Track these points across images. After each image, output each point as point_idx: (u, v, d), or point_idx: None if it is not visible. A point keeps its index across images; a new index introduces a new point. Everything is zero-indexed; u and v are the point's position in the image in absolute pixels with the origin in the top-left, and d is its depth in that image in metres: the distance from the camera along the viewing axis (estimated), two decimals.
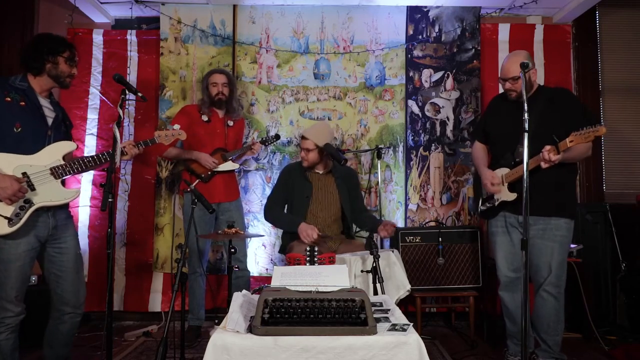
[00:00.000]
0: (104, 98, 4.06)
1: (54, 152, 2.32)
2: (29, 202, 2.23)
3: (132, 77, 4.10)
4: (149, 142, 2.64)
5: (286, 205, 3.24)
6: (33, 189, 2.24)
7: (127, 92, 2.29)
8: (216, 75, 3.51)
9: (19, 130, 2.25)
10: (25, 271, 2.29)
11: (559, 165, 2.51)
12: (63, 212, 2.43)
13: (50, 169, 2.29)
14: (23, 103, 2.28)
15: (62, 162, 2.32)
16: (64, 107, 2.58)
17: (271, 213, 3.20)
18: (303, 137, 3.13)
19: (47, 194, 2.28)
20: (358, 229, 3.45)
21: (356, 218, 3.25)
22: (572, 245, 3.57)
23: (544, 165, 2.49)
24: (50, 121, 2.37)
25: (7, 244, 2.22)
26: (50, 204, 2.30)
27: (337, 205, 3.17)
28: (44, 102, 2.38)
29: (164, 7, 4.04)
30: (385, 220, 3.09)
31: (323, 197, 3.15)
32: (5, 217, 2.18)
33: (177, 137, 2.76)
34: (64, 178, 2.35)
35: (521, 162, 2.58)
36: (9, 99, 2.25)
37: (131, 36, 4.13)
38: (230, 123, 3.58)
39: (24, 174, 2.23)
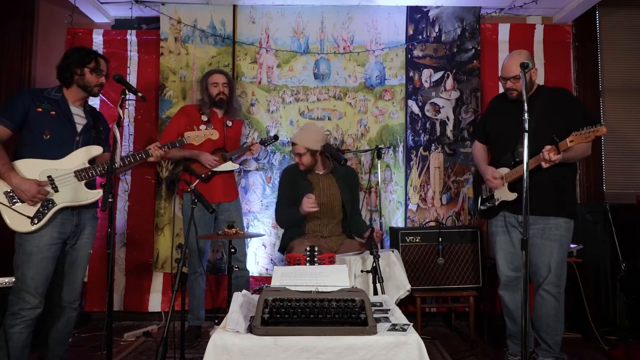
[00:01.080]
0: (104, 98, 4.06)
1: (80, 157, 2.49)
2: (52, 203, 2.40)
3: (132, 77, 4.10)
4: (177, 144, 2.79)
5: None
6: (57, 191, 2.42)
7: (127, 92, 2.32)
8: (216, 75, 3.51)
9: (48, 137, 2.43)
10: (47, 265, 2.39)
11: (558, 165, 2.52)
12: (89, 212, 2.59)
13: (75, 172, 2.46)
14: (54, 112, 2.46)
15: (87, 166, 2.49)
16: (101, 114, 2.76)
17: (281, 217, 3.21)
18: (293, 143, 3.13)
19: (69, 195, 2.45)
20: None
21: (350, 219, 3.24)
22: (572, 245, 3.57)
23: (544, 165, 2.49)
24: (79, 128, 2.53)
25: (30, 236, 2.37)
26: (71, 204, 2.46)
27: (338, 205, 3.17)
28: (76, 110, 2.55)
29: (164, 7, 4.04)
30: (374, 230, 3.01)
31: (324, 198, 3.14)
32: (28, 217, 2.36)
33: (209, 137, 2.82)
34: (88, 180, 2.50)
35: (521, 162, 2.58)
36: (40, 109, 2.44)
37: (131, 36, 4.13)
38: (229, 123, 3.58)
39: (49, 177, 2.40)
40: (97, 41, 4.09)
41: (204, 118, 3.49)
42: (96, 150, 2.55)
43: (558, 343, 2.70)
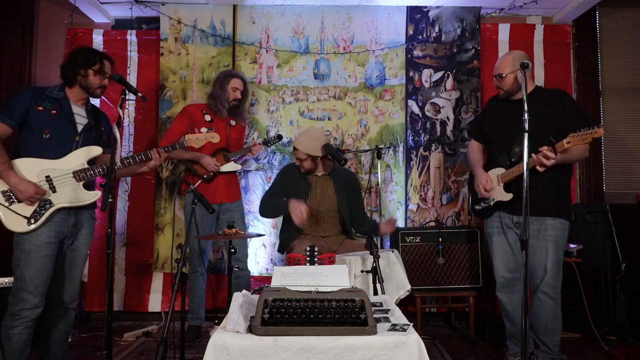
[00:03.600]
0: (104, 98, 4.05)
1: (79, 157, 2.47)
2: (49, 203, 2.39)
3: (132, 77, 4.11)
4: (177, 146, 2.75)
5: None
6: (54, 191, 2.40)
7: (127, 92, 2.30)
8: (238, 80, 3.48)
9: (48, 136, 2.41)
10: (46, 263, 2.38)
11: (554, 166, 2.52)
12: (86, 212, 2.57)
13: (73, 173, 2.44)
14: (54, 112, 2.44)
15: (86, 166, 2.47)
16: (103, 113, 2.73)
17: (265, 207, 3.19)
18: (295, 148, 3.13)
19: (67, 195, 2.43)
20: (358, 234, 3.44)
21: (356, 225, 3.24)
22: (572, 245, 3.58)
23: (539, 168, 2.49)
24: (80, 128, 2.51)
25: (28, 235, 2.36)
26: (69, 205, 2.44)
27: (334, 207, 3.17)
28: (78, 110, 2.53)
29: (164, 7, 4.04)
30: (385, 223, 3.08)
31: (320, 198, 3.15)
32: (25, 217, 2.34)
33: (210, 140, 2.80)
34: (86, 181, 2.48)
35: (517, 162, 2.59)
36: (40, 108, 2.42)
37: (131, 36, 4.13)
38: (233, 123, 3.57)
39: (47, 177, 2.39)
40: (97, 41, 4.09)
41: (207, 118, 3.48)
42: (96, 150, 2.53)
43: (557, 344, 2.70)
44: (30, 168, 2.37)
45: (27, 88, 2.57)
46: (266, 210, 3.21)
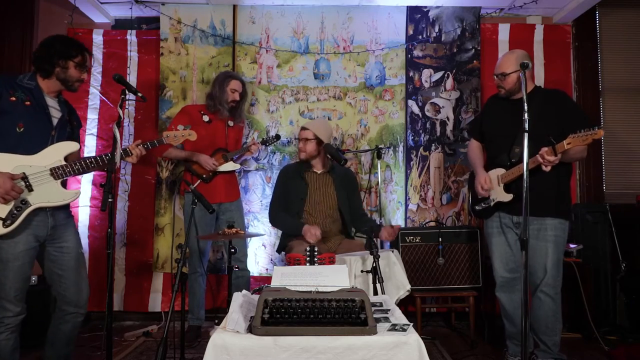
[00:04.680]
0: (104, 98, 4.06)
1: (56, 153, 2.30)
2: (25, 203, 2.22)
3: (132, 77, 4.10)
4: (156, 143, 2.59)
5: None
6: (31, 190, 2.22)
7: (127, 92, 2.27)
8: (237, 82, 3.50)
9: (22, 130, 2.23)
10: (25, 271, 2.27)
11: (554, 166, 2.52)
12: (62, 212, 2.41)
13: (50, 170, 2.26)
14: (28, 102, 2.26)
15: (63, 163, 2.29)
16: (72, 106, 2.55)
17: (278, 219, 3.23)
18: (303, 128, 3.16)
19: (45, 194, 2.26)
20: (357, 233, 3.45)
21: (355, 221, 3.25)
22: (572, 245, 3.58)
23: (545, 168, 2.49)
24: (55, 121, 2.35)
25: (5, 243, 2.21)
26: (47, 204, 2.28)
27: (334, 205, 3.17)
28: (51, 102, 2.36)
29: (164, 7, 4.04)
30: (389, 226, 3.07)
31: (319, 197, 3.15)
32: (0, 218, 2.17)
33: (187, 138, 2.68)
34: (64, 179, 2.33)
35: (517, 162, 2.59)
36: (13, 99, 2.23)
37: (131, 36, 4.13)
38: (231, 123, 3.58)
39: (23, 174, 2.21)
40: (97, 41, 4.09)
41: (205, 119, 3.48)
42: (72, 146, 2.35)
43: (557, 343, 2.70)
44: (3, 164, 2.18)
45: None
46: (278, 225, 3.28)
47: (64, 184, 2.41)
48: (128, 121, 4.08)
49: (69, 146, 2.34)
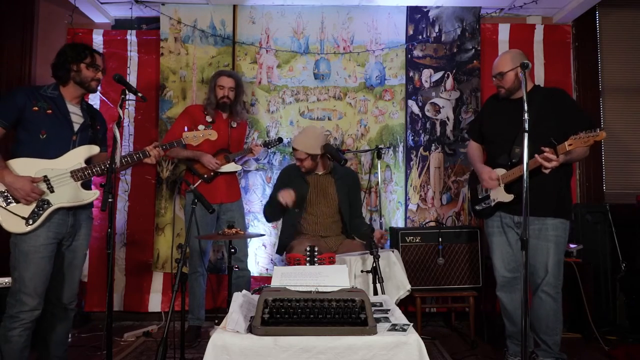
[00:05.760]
0: (104, 98, 4.06)
1: (77, 156, 2.44)
2: (47, 203, 2.36)
3: (132, 77, 4.11)
4: (175, 144, 2.73)
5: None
6: (52, 191, 2.38)
7: (127, 92, 2.30)
8: (224, 78, 3.47)
9: (45, 136, 2.38)
10: (44, 265, 2.36)
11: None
12: (84, 213, 2.55)
13: (71, 172, 2.41)
14: (50, 111, 2.41)
15: (83, 165, 2.44)
16: (97, 110, 2.70)
17: (265, 210, 3.26)
18: (294, 149, 3.13)
19: (65, 195, 2.40)
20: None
21: (352, 224, 3.24)
22: (572, 245, 3.58)
23: (546, 171, 2.49)
24: (76, 127, 2.48)
25: (27, 236, 2.33)
26: (67, 204, 2.41)
27: (335, 206, 3.17)
28: (73, 109, 2.50)
29: (164, 7, 4.04)
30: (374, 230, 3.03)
31: (321, 198, 3.15)
32: (23, 217, 2.32)
33: (207, 138, 2.77)
34: (84, 180, 2.46)
35: (517, 162, 2.59)
36: (36, 108, 2.38)
37: (131, 36, 4.13)
38: (234, 124, 3.57)
39: (45, 177, 2.36)
40: (97, 41, 4.09)
41: (209, 119, 3.48)
42: (93, 149, 2.50)
43: (558, 343, 2.70)
44: (28, 168, 2.34)
45: (21, 88, 2.53)
46: (266, 211, 3.24)
47: (86, 185, 2.52)
48: (128, 121, 4.09)
49: (90, 150, 2.49)
